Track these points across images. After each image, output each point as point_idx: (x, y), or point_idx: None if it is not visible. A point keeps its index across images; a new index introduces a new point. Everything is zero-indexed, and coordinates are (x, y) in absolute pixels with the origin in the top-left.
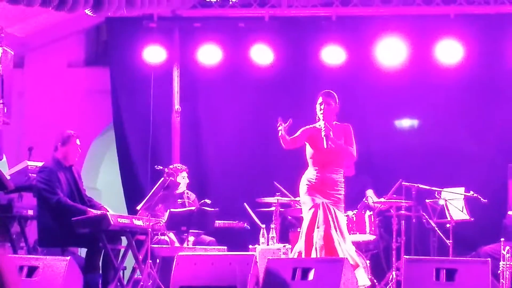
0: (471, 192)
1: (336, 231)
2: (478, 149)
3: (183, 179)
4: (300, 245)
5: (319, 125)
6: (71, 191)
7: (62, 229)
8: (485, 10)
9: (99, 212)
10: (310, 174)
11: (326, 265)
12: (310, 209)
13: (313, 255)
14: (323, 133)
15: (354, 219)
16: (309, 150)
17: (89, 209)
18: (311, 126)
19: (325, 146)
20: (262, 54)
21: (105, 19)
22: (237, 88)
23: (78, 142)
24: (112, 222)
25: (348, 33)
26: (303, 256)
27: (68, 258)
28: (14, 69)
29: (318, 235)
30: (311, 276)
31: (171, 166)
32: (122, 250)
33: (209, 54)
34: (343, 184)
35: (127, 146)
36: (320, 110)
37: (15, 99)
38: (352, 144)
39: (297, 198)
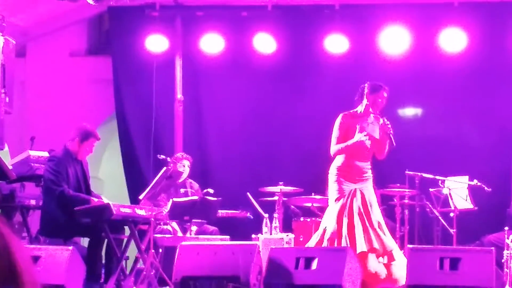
0: (475, 181)
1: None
2: (482, 138)
3: (183, 167)
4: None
5: (371, 117)
6: (78, 184)
7: (65, 219)
8: None
9: (101, 201)
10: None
11: (329, 254)
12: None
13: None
14: (390, 131)
15: None
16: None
17: (92, 198)
18: (348, 112)
19: (394, 144)
20: (265, 43)
21: (107, 8)
22: (239, 77)
23: (95, 144)
24: (114, 212)
25: (351, 22)
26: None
27: (71, 247)
28: (16, 58)
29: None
30: (314, 265)
31: (178, 155)
32: (125, 240)
33: (212, 43)
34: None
35: (129, 135)
36: (381, 103)
37: (17, 88)
38: None
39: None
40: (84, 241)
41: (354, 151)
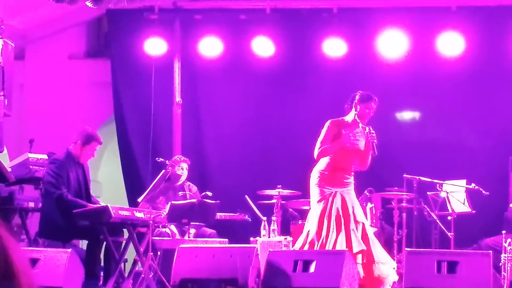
0: (473, 185)
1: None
2: (479, 142)
3: (181, 170)
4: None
5: (359, 127)
6: (79, 187)
7: (64, 222)
8: (487, 2)
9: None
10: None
11: (327, 257)
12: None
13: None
14: (374, 140)
15: None
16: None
17: (89, 204)
18: (337, 119)
19: (375, 153)
20: (263, 46)
21: (106, 11)
22: (238, 80)
23: (97, 148)
24: (113, 215)
25: (349, 25)
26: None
27: (69, 250)
28: (15, 61)
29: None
30: (312, 268)
31: (176, 158)
32: (123, 242)
33: (210, 46)
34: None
35: (128, 138)
36: (369, 113)
37: (16, 91)
38: None
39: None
40: (83, 244)
41: (337, 160)
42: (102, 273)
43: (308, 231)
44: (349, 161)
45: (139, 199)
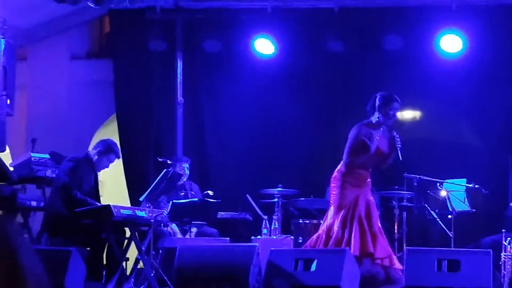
0: (473, 184)
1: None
2: (480, 141)
3: (183, 169)
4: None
5: (383, 129)
6: (90, 191)
7: (69, 218)
8: (487, 1)
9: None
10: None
11: (328, 255)
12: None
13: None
14: (399, 145)
15: None
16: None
17: (98, 204)
18: (363, 124)
19: (400, 158)
20: (264, 46)
21: (108, 11)
22: (239, 79)
23: (114, 161)
24: (115, 214)
25: (350, 25)
26: None
27: (72, 249)
28: (17, 61)
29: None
30: (313, 267)
31: (178, 157)
32: (125, 241)
33: (212, 46)
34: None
35: (130, 137)
36: (394, 115)
37: (18, 90)
38: None
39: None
40: None
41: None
42: (104, 272)
43: (330, 233)
44: (372, 162)
45: (141, 198)
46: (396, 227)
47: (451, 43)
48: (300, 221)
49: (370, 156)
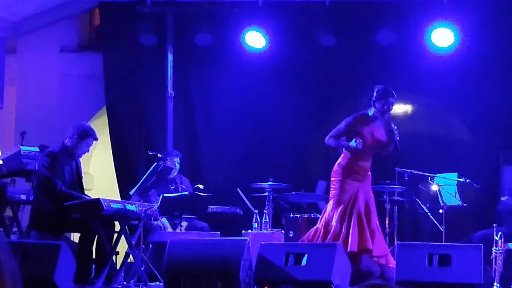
0: (464, 178)
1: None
2: (471, 135)
3: (174, 163)
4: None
5: (380, 121)
6: (72, 181)
7: (57, 215)
8: None
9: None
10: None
11: (319, 250)
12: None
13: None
14: (397, 137)
15: None
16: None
17: (84, 196)
18: (360, 115)
19: (398, 149)
20: (255, 39)
21: (98, 3)
22: (230, 73)
23: (93, 143)
24: (104, 207)
25: (341, 18)
26: None
27: (61, 243)
28: (6, 53)
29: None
30: (304, 261)
31: (168, 151)
32: (115, 235)
33: (203, 39)
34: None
35: (120, 131)
36: (389, 108)
37: (7, 83)
38: None
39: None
40: (75, 237)
41: (358, 152)
42: (93, 266)
43: (328, 227)
44: (371, 152)
45: (131, 192)
46: (387, 222)
47: (443, 37)
48: (291, 215)
49: (369, 147)
